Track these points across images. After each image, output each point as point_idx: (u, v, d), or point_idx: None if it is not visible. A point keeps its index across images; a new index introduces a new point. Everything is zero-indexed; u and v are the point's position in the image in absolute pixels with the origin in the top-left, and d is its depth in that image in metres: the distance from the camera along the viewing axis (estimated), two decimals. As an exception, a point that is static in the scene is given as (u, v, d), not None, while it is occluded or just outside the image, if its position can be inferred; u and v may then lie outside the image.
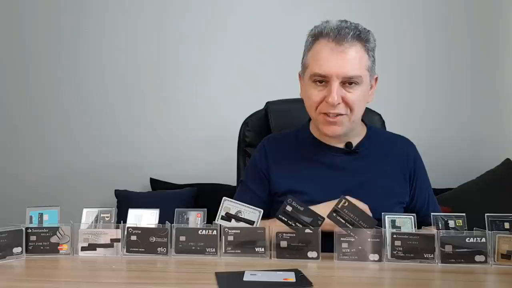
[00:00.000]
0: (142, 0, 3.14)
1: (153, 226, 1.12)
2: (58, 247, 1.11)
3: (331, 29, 1.23)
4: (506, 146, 2.75)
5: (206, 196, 2.53)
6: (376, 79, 1.34)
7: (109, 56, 3.15)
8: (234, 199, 1.13)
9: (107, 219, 1.14)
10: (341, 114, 1.26)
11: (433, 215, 1.11)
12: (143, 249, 1.10)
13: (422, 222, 1.15)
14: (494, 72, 2.90)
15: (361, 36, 1.24)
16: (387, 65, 2.70)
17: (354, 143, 1.36)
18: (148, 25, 3.12)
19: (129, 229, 1.11)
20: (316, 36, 1.27)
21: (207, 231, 1.09)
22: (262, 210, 1.10)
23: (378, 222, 1.08)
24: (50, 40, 3.18)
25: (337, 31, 1.22)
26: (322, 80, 1.25)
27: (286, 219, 1.08)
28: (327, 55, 1.22)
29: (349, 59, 1.22)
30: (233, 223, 1.10)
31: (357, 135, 1.38)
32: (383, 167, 1.35)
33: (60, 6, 3.17)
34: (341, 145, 1.36)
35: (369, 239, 1.05)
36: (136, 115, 3.13)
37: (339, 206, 1.08)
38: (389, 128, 1.60)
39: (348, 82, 1.23)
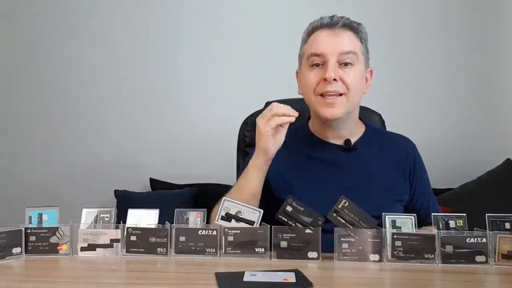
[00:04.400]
0: (141, 1, 3.14)
1: (153, 226, 1.12)
2: (58, 247, 1.11)
3: (324, 21, 1.31)
4: (506, 146, 2.76)
5: (206, 196, 2.52)
6: (371, 72, 1.37)
7: (111, 57, 3.15)
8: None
9: (106, 219, 1.13)
10: (339, 94, 1.27)
11: (433, 215, 1.10)
12: (142, 249, 1.10)
13: (422, 221, 1.14)
14: (494, 72, 2.90)
15: (353, 25, 1.32)
16: (387, 65, 2.74)
17: (353, 141, 1.36)
18: (148, 26, 3.13)
19: (129, 229, 1.10)
20: (311, 31, 1.33)
21: (207, 231, 1.09)
22: (262, 210, 1.10)
23: (378, 222, 1.08)
24: (51, 40, 3.18)
25: (330, 20, 1.31)
26: (319, 63, 1.29)
27: (286, 219, 1.08)
28: (323, 38, 1.30)
29: (343, 39, 1.29)
30: (233, 223, 1.09)
31: (356, 133, 1.38)
32: (382, 165, 1.35)
33: (65, 7, 3.17)
34: (340, 143, 1.36)
35: (369, 239, 1.05)
36: (136, 115, 3.13)
37: (339, 206, 1.08)
38: (389, 128, 1.60)
39: (343, 62, 1.28)
